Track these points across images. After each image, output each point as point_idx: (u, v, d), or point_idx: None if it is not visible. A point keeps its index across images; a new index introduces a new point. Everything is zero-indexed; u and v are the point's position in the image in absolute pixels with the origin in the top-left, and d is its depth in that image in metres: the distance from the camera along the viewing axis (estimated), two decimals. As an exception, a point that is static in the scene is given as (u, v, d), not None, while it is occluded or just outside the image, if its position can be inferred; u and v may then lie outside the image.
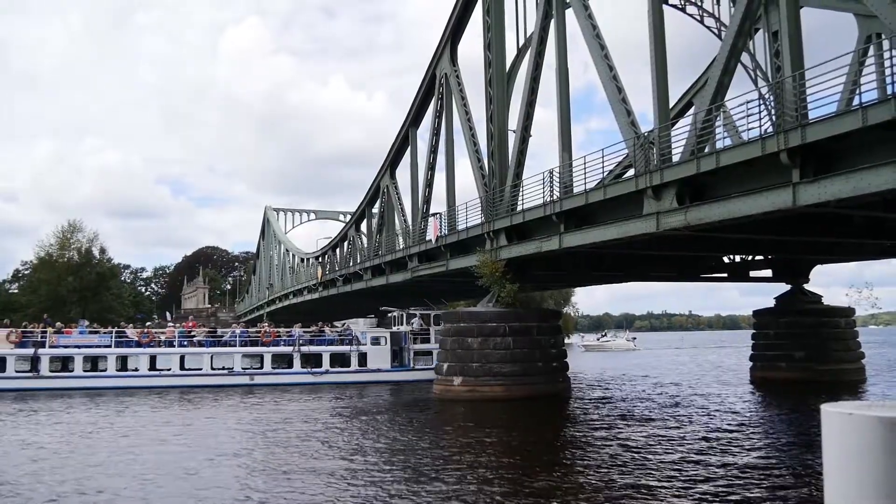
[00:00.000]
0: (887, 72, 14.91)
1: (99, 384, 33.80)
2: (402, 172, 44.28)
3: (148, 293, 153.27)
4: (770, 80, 22.28)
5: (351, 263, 52.74)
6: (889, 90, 14.28)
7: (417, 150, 41.91)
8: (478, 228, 30.21)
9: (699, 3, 34.84)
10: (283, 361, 37.36)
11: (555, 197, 25.22)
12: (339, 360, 37.55)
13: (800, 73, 17.13)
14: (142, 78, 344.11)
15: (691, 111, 29.62)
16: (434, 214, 35.89)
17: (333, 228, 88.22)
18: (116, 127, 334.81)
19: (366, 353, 37.48)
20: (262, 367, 36.76)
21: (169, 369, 36.09)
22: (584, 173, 23.76)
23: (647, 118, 34.71)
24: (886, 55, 15.78)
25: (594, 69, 24.33)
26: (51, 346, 34.64)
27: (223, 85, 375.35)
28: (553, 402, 26.96)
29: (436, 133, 37.85)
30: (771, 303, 36.54)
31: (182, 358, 36.07)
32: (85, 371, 34.86)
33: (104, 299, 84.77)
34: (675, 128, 21.84)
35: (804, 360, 33.01)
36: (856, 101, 15.86)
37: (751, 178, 17.42)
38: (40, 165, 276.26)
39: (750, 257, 33.81)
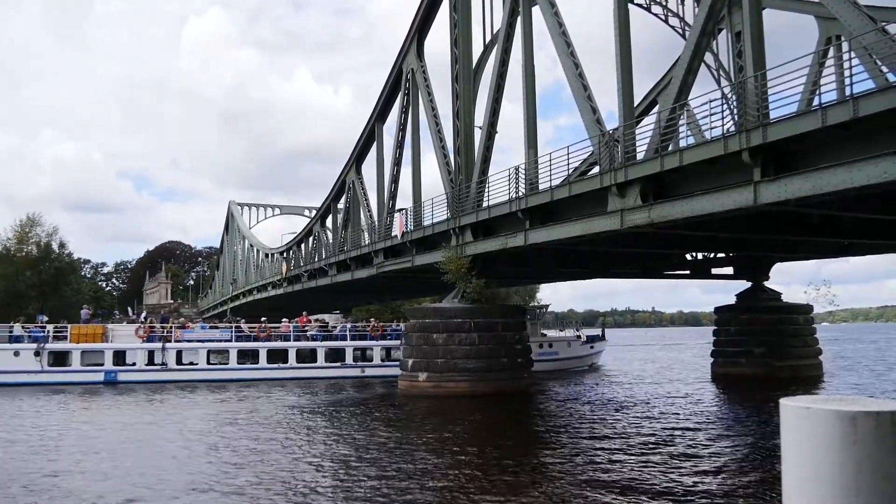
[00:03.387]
0: (846, 73, 15.19)
1: (221, 376, 35.25)
2: (368, 168, 44.13)
3: (109, 288, 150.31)
4: (732, 79, 22.59)
5: (316, 259, 52.35)
6: (847, 91, 14.54)
7: (384, 145, 41.73)
8: (443, 224, 30.18)
9: (664, 3, 35.20)
10: (388, 354, 38.85)
11: (520, 193, 25.29)
12: None
13: (761, 73, 17.39)
14: (101, 70, 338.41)
15: (655, 109, 29.95)
16: (400, 210, 35.79)
17: (298, 224, 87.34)
18: (75, 120, 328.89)
19: None
20: (372, 360, 38.57)
21: (286, 362, 37.29)
22: (550, 170, 23.87)
23: (613, 116, 35.04)
24: (845, 57, 16.08)
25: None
26: (176, 341, 36.32)
27: (186, 78, 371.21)
28: (517, 398, 27.04)
29: (402, 129, 37.71)
30: (732, 300, 37.10)
31: (297, 352, 37.78)
32: (209, 364, 36.43)
33: (64, 294, 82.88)
34: (639, 126, 22.02)
35: (764, 356, 33.52)
36: (816, 102, 16.11)
37: (713, 177, 17.63)
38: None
39: (712, 255, 34.30)
